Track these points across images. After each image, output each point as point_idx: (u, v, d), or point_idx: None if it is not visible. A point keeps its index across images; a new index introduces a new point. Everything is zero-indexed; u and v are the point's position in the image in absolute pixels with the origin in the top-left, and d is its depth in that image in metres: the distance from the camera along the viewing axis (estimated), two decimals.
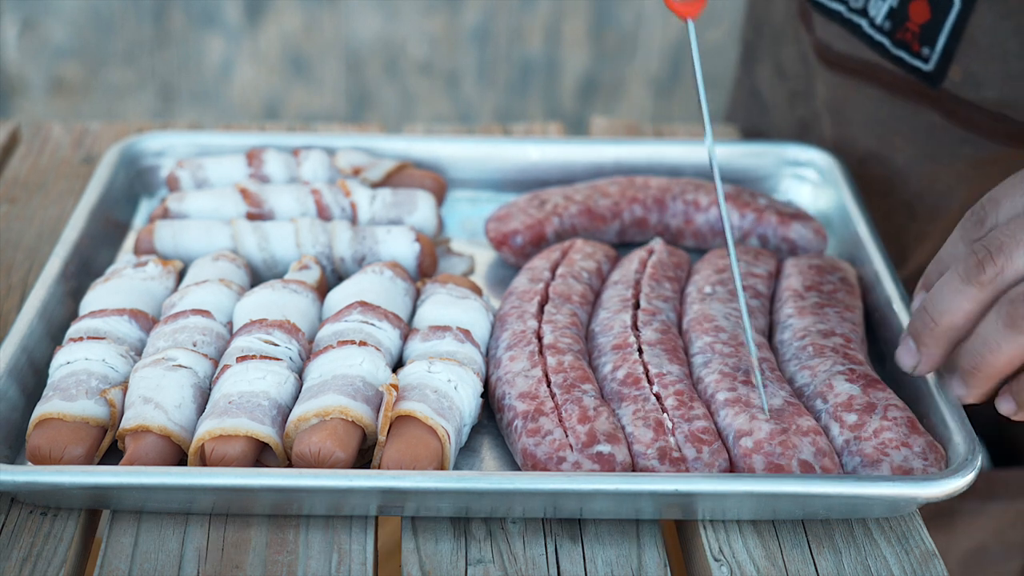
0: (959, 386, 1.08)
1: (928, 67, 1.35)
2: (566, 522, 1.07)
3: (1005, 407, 1.06)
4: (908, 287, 1.29)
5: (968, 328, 1.04)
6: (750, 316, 1.20)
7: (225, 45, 3.27)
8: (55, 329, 1.23)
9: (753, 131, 1.74)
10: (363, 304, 1.20)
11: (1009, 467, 1.52)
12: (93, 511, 1.09)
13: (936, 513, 1.49)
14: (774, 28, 1.65)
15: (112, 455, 1.12)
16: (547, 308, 1.24)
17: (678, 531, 1.11)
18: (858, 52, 1.43)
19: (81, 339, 1.17)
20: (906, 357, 1.10)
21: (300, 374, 1.16)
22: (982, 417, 1.52)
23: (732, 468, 1.08)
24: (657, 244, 1.35)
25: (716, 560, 1.04)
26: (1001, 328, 1.00)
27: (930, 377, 1.15)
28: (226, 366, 1.13)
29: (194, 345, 1.17)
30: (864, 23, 1.40)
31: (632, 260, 1.33)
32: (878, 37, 1.38)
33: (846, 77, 1.47)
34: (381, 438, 1.08)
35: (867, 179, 1.51)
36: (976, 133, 1.37)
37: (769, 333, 1.26)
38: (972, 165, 1.39)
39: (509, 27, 3.30)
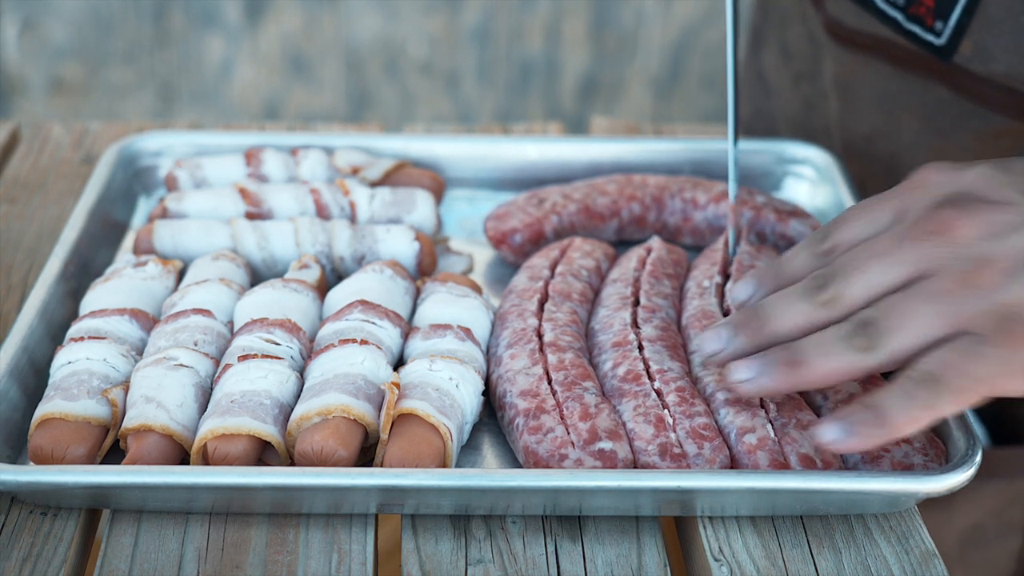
0: (764, 376, 1.03)
1: (940, 41, 1.37)
2: (566, 522, 1.07)
3: (830, 434, 0.99)
4: None
5: (788, 339, 1.04)
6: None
7: (225, 45, 3.27)
8: (55, 329, 1.23)
9: (757, 115, 1.74)
10: (364, 303, 1.20)
11: (1008, 446, 1.52)
12: (93, 511, 1.08)
13: None
14: (781, 10, 1.67)
15: (113, 455, 1.12)
16: (547, 306, 1.24)
17: (678, 531, 1.11)
18: (869, 27, 1.45)
19: (82, 339, 1.17)
20: (714, 342, 1.08)
21: (301, 373, 1.16)
22: None
23: (734, 464, 1.08)
24: (655, 242, 1.35)
25: (716, 560, 1.04)
26: (841, 336, 1.00)
27: None
28: (228, 365, 1.13)
29: (195, 344, 1.17)
30: None
31: (631, 258, 1.33)
32: (891, 12, 1.41)
33: (856, 53, 1.49)
34: (383, 436, 1.08)
35: (873, 157, 1.51)
36: (985, 107, 1.39)
37: None
38: (979, 139, 1.40)
39: (509, 27, 3.30)
